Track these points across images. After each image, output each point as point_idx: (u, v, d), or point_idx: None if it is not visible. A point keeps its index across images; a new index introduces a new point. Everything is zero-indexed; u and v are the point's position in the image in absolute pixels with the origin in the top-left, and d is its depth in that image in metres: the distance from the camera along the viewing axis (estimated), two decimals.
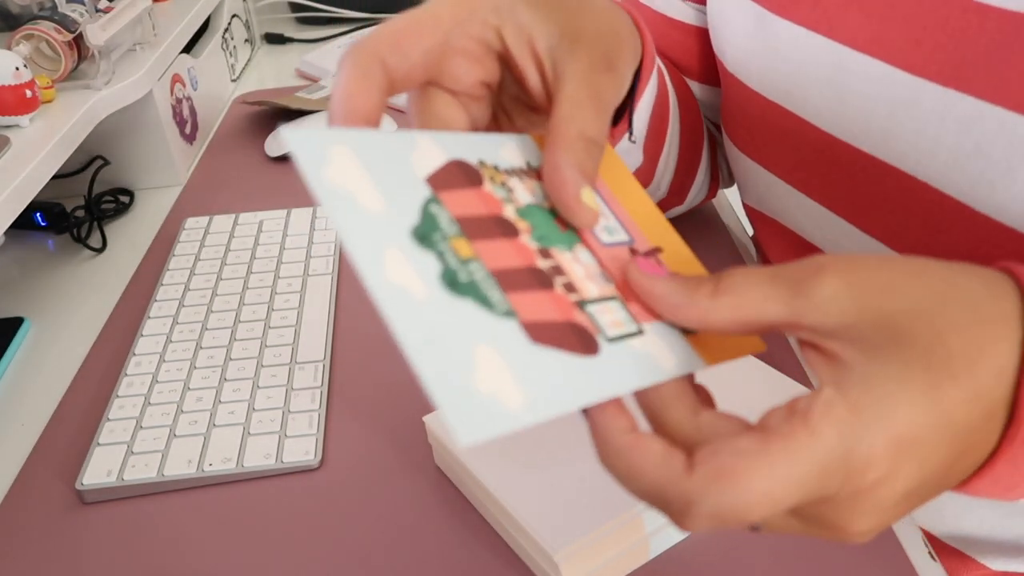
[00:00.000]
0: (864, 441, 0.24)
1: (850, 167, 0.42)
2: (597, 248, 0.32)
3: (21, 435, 0.55)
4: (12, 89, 0.63)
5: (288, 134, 0.26)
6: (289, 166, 0.85)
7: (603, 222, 0.34)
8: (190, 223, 0.73)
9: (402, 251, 0.26)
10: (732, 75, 0.50)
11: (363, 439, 0.51)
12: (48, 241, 0.77)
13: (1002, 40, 0.35)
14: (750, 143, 0.48)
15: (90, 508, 0.48)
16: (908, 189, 0.39)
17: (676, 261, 0.34)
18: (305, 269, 0.66)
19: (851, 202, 0.42)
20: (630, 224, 0.35)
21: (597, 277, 0.31)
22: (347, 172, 0.27)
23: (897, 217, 0.40)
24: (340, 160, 0.27)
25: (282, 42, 1.21)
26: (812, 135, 0.43)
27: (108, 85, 0.72)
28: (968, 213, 0.36)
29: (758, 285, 0.26)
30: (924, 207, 0.38)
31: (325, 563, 0.44)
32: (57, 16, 0.69)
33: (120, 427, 0.52)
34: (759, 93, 0.47)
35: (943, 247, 0.38)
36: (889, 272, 0.26)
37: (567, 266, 0.31)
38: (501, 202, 0.31)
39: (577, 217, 0.31)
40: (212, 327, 0.60)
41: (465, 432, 0.23)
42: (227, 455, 0.49)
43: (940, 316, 0.25)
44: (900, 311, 0.25)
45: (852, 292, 0.25)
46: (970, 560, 0.54)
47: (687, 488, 0.24)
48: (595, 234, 0.33)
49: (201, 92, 0.93)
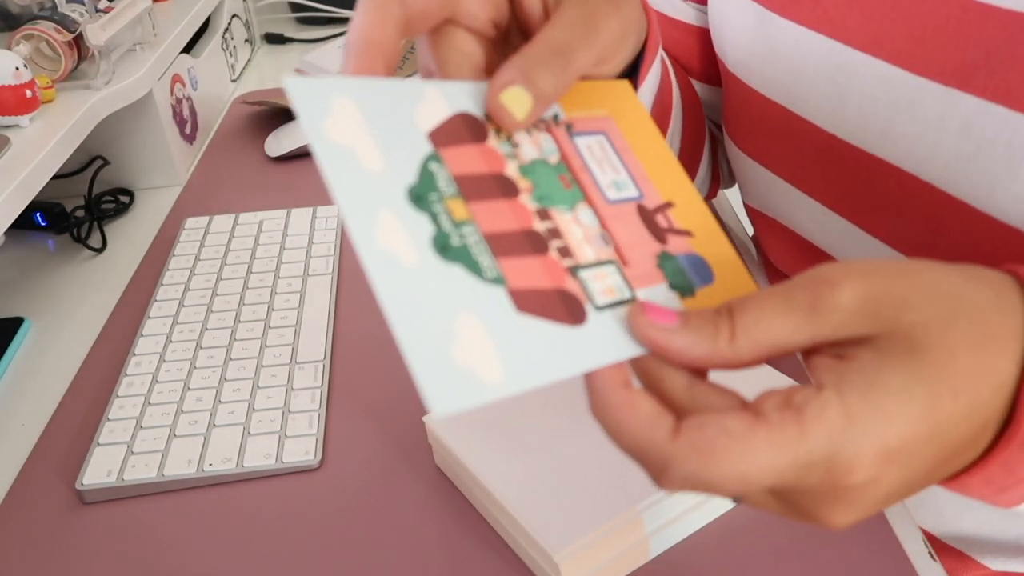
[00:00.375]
0: (851, 448, 0.24)
1: (852, 167, 0.42)
2: (601, 206, 0.32)
3: (21, 435, 0.55)
4: (12, 89, 0.63)
5: (289, 82, 0.26)
6: (289, 166, 0.85)
7: (612, 176, 0.33)
8: (190, 223, 0.73)
9: (395, 213, 0.26)
10: (733, 75, 0.50)
11: (363, 439, 0.51)
12: (48, 241, 0.77)
13: (1004, 40, 0.35)
14: (751, 143, 0.48)
15: (90, 508, 0.48)
16: (910, 189, 0.39)
17: (688, 215, 0.34)
18: (305, 269, 0.66)
19: (853, 202, 0.42)
20: (641, 178, 0.34)
21: (596, 239, 0.31)
22: (348, 125, 0.27)
23: (899, 217, 0.40)
24: (342, 112, 0.27)
25: (282, 42, 1.21)
26: (813, 135, 0.43)
27: (108, 85, 0.72)
28: (969, 213, 0.36)
29: (773, 318, 0.26)
30: (926, 207, 0.38)
31: (325, 563, 0.44)
32: (57, 16, 0.69)
33: (120, 427, 0.52)
34: (760, 92, 0.47)
35: (945, 247, 0.38)
36: (904, 284, 0.26)
37: (565, 228, 0.30)
38: (504, 158, 0.31)
39: (494, 116, 0.30)
40: (212, 327, 0.60)
41: (439, 402, 0.23)
42: (227, 455, 0.49)
43: (953, 331, 0.25)
44: (917, 323, 0.25)
45: (869, 305, 0.25)
46: (970, 560, 0.54)
47: (668, 452, 0.25)
48: (601, 190, 0.32)
49: (201, 92, 0.93)
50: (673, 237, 0.33)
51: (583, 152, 0.33)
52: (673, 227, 0.33)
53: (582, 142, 0.34)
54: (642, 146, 0.35)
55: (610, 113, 0.36)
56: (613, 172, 0.33)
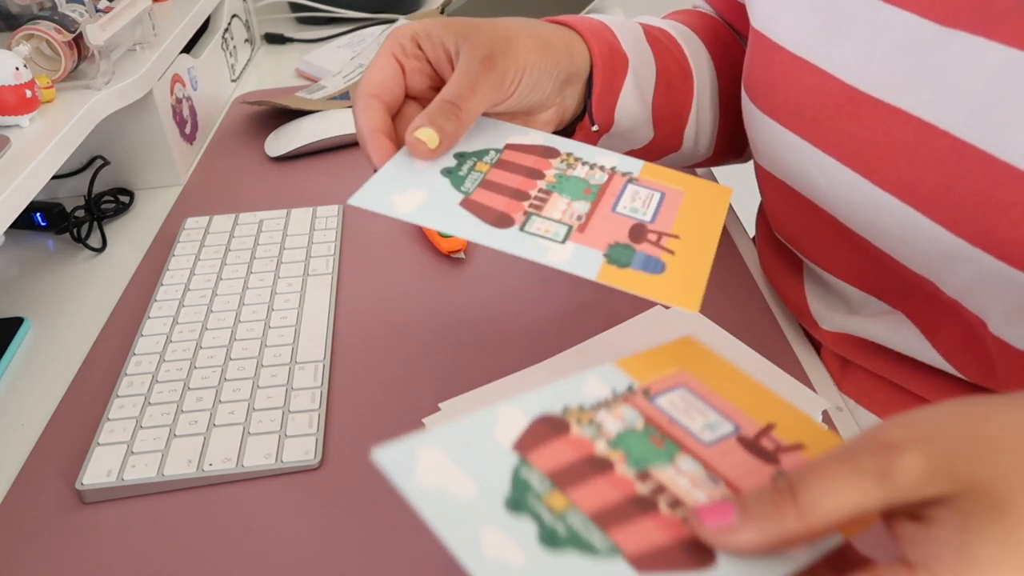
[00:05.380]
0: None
1: (869, 120, 0.42)
2: (700, 451, 0.32)
3: (21, 435, 0.55)
4: (12, 89, 0.63)
5: (378, 455, 0.28)
6: (289, 166, 0.85)
7: (702, 420, 0.34)
8: (190, 223, 0.73)
9: (498, 526, 0.27)
10: (759, 31, 0.50)
11: (363, 439, 0.51)
12: (48, 241, 0.77)
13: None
14: (770, 100, 0.49)
15: (90, 508, 0.48)
16: (926, 138, 0.39)
17: (793, 429, 0.34)
18: (305, 269, 0.66)
19: (865, 155, 0.43)
20: (734, 412, 0.35)
21: (704, 482, 0.31)
22: (436, 470, 0.29)
23: (909, 168, 0.40)
24: (428, 461, 0.29)
25: (282, 42, 1.21)
26: (835, 88, 0.44)
27: (108, 85, 0.72)
28: (986, 159, 0.36)
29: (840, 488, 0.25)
30: (940, 155, 0.38)
31: (325, 563, 0.44)
32: (57, 16, 0.69)
33: (120, 427, 0.52)
34: (785, 48, 0.47)
35: (956, 196, 0.38)
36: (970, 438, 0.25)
37: (669, 482, 0.31)
38: (591, 441, 0.32)
39: (412, 150, 0.41)
40: (212, 327, 0.60)
41: None
42: (227, 455, 0.49)
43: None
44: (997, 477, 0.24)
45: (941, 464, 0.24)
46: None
47: None
48: (695, 436, 0.33)
49: (201, 92, 0.93)
50: (786, 455, 0.33)
51: (667, 409, 0.35)
52: (781, 446, 0.33)
53: (663, 400, 0.35)
54: (724, 384, 0.36)
55: (683, 367, 0.37)
56: (702, 417, 0.34)
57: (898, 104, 0.41)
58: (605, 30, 0.53)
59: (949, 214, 0.39)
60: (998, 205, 0.36)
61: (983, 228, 0.37)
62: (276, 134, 0.88)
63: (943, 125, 0.38)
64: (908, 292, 0.47)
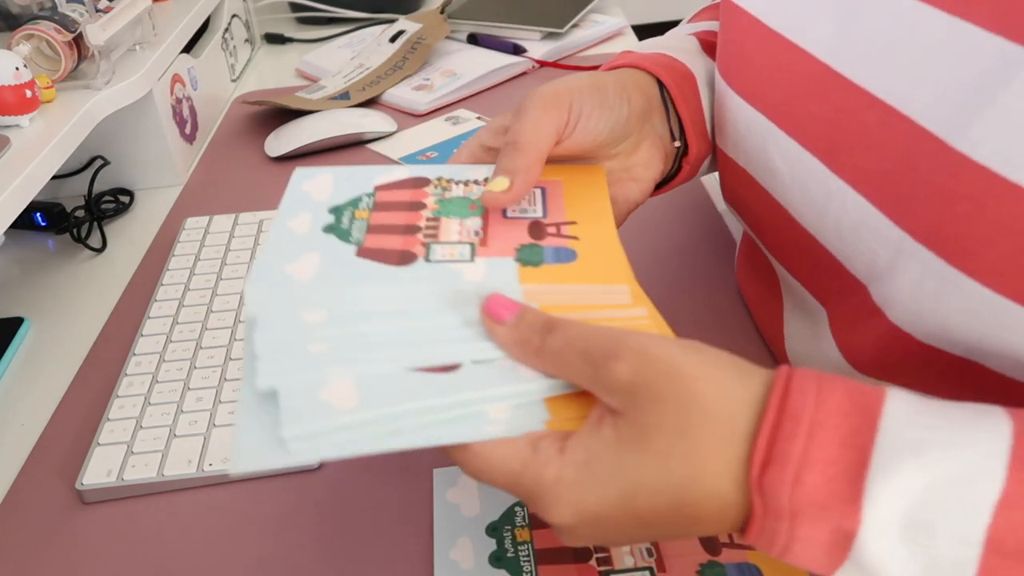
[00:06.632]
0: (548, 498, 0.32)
1: (837, 100, 0.41)
2: (493, 220, 0.40)
3: (21, 435, 0.55)
4: (12, 89, 0.63)
5: None
6: (289, 166, 0.85)
7: (524, 206, 0.42)
8: (190, 223, 0.73)
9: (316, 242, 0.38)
10: (736, 4, 0.50)
11: None
12: (48, 241, 0.77)
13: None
14: (740, 76, 0.48)
15: (90, 508, 0.48)
16: (889, 124, 0.39)
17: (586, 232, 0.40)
18: None
19: (828, 139, 0.42)
20: (556, 211, 0.41)
21: (468, 233, 0.39)
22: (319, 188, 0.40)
23: (868, 154, 0.40)
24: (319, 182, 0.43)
25: (282, 42, 1.21)
26: (807, 67, 0.43)
27: (108, 85, 0.72)
28: (942, 149, 0.36)
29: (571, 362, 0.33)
30: (901, 143, 0.38)
31: (325, 563, 0.44)
32: (57, 16, 0.69)
33: (120, 427, 0.52)
34: (762, 22, 0.47)
35: (913, 185, 0.37)
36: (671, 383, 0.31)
37: (444, 226, 0.40)
38: (429, 193, 0.42)
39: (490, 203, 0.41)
40: (212, 327, 0.60)
41: None
42: (227, 455, 0.49)
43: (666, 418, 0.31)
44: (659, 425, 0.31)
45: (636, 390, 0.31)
46: None
47: None
48: (504, 213, 0.41)
49: (201, 92, 0.93)
50: (553, 237, 0.39)
51: None
52: (560, 233, 0.39)
53: None
54: (578, 203, 0.42)
55: (563, 179, 0.44)
56: (527, 204, 0.42)
57: (865, 85, 0.40)
58: (661, 56, 0.52)
59: (900, 204, 0.38)
60: (949, 196, 0.35)
61: (931, 222, 0.36)
62: (276, 134, 0.88)
63: (904, 110, 0.38)
64: (842, 298, 0.46)
